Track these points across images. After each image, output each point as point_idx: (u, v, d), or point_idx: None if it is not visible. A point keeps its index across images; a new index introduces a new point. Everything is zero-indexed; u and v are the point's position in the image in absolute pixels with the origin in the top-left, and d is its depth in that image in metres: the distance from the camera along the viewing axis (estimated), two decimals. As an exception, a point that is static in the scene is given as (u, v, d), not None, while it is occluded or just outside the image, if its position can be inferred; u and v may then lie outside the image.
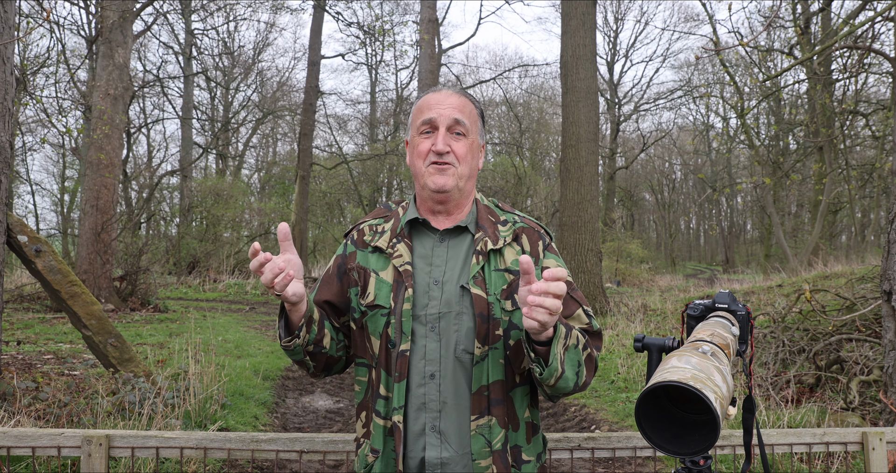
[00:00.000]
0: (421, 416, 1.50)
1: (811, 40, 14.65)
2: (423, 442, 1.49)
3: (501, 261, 1.56)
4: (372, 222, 1.67)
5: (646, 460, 4.09)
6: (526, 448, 1.55)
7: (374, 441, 1.53)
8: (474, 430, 1.49)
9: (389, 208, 1.71)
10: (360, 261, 1.60)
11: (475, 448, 1.49)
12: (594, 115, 12.25)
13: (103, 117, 11.17)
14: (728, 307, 1.46)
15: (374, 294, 1.55)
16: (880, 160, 13.66)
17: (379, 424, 1.52)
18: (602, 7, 32.93)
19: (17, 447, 2.09)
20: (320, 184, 27.02)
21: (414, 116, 1.62)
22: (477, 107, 1.64)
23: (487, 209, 1.65)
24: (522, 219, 1.66)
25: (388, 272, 1.56)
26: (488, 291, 1.52)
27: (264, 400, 5.72)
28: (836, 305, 7.46)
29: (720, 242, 41.22)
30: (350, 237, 1.67)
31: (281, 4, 24.34)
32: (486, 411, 1.50)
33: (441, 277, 1.54)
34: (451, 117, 1.55)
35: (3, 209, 4.29)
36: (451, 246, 1.59)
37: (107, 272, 11.33)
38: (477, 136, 1.62)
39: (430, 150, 1.55)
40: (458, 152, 1.56)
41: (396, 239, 1.59)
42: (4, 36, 4.09)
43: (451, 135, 1.56)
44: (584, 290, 11.93)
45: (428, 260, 1.57)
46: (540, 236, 1.64)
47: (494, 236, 1.58)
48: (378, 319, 1.53)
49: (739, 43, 4.12)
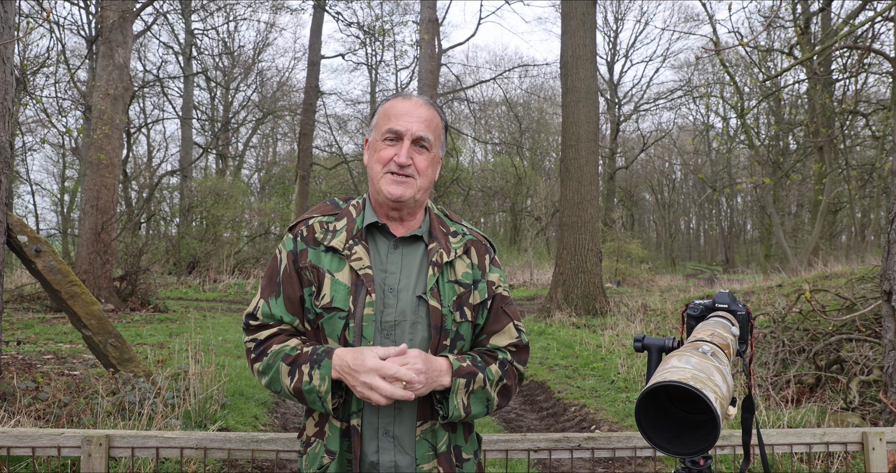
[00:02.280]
0: (375, 420, 1.52)
1: (811, 40, 14.64)
2: (375, 446, 1.52)
3: (453, 273, 1.59)
4: (321, 219, 1.63)
5: (646, 460, 4.09)
6: (465, 446, 1.61)
7: (329, 442, 1.54)
8: (419, 435, 1.53)
9: (337, 205, 1.68)
10: (313, 260, 1.57)
11: (419, 453, 1.53)
12: (594, 115, 12.25)
13: (103, 117, 11.17)
14: (728, 307, 1.47)
15: (331, 296, 1.53)
16: (880, 160, 13.66)
17: (335, 425, 1.53)
18: (602, 7, 32.95)
19: (17, 447, 2.09)
20: (320, 184, 27.03)
21: (380, 120, 1.61)
22: (443, 119, 1.66)
23: (438, 218, 1.68)
24: (471, 232, 1.69)
25: (345, 273, 1.54)
26: (442, 303, 1.55)
27: (264, 400, 5.72)
28: (836, 305, 7.46)
29: (720, 242, 41.21)
30: (298, 233, 1.61)
31: (281, 4, 24.35)
32: (430, 416, 1.55)
33: (396, 285, 1.55)
34: (418, 133, 1.56)
35: (3, 209, 4.29)
36: (405, 254, 1.60)
37: (107, 272, 11.33)
38: (438, 150, 1.64)
39: (391, 159, 1.56)
40: (419, 165, 1.57)
41: (353, 240, 1.57)
42: (4, 36, 4.09)
43: (414, 148, 1.57)
44: (584, 290, 11.94)
45: (382, 266, 1.57)
46: (487, 249, 1.68)
47: (447, 247, 1.60)
48: (336, 322, 1.52)
49: (739, 43, 4.12)
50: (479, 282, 1.62)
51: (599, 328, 10.29)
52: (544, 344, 9.12)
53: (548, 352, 8.53)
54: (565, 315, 11.55)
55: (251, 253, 21.65)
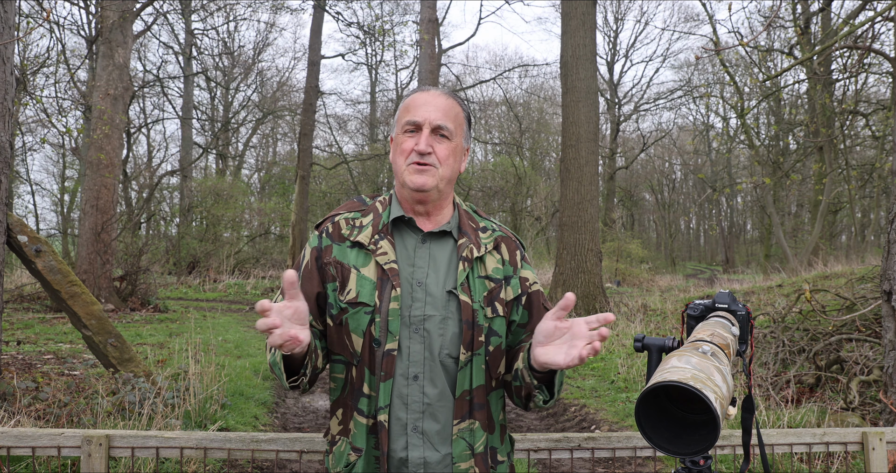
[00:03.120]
0: (403, 416, 1.50)
1: (811, 40, 14.65)
2: (404, 442, 1.50)
3: (483, 268, 1.57)
4: (347, 215, 1.62)
5: (646, 460, 4.09)
6: (500, 448, 1.60)
7: (354, 439, 1.52)
8: (456, 434, 1.51)
9: (364, 202, 1.67)
10: (338, 256, 1.56)
11: (456, 452, 1.51)
12: (594, 115, 12.25)
13: (103, 117, 11.17)
14: (728, 307, 1.47)
15: (357, 291, 1.51)
16: (880, 160, 13.66)
17: (361, 422, 1.51)
18: (602, 7, 32.93)
19: (17, 447, 2.09)
20: (320, 184, 27.01)
21: (400, 114, 1.61)
22: (464, 110, 1.64)
23: (467, 214, 1.66)
24: (500, 228, 1.68)
25: (371, 268, 1.53)
26: (473, 298, 1.53)
27: (264, 400, 5.72)
28: (836, 305, 7.46)
29: (720, 242, 41.21)
30: (324, 230, 1.61)
31: (281, 4, 24.34)
32: (469, 415, 1.53)
33: (424, 279, 1.54)
34: (436, 122, 1.54)
35: (3, 209, 4.29)
36: (433, 249, 1.58)
37: (107, 272, 11.33)
38: (461, 140, 1.62)
39: (412, 150, 1.55)
40: (439, 154, 1.55)
41: (379, 235, 1.56)
42: (4, 36, 4.09)
43: (434, 137, 1.55)
44: (584, 290, 11.93)
45: (409, 261, 1.56)
46: (517, 246, 1.67)
47: (477, 243, 1.59)
48: (361, 317, 1.51)
49: (739, 43, 4.12)
50: (510, 278, 1.60)
51: (599, 328, 10.28)
52: (544, 344, 9.10)
53: (548, 352, 8.52)
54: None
55: (251, 253, 21.66)
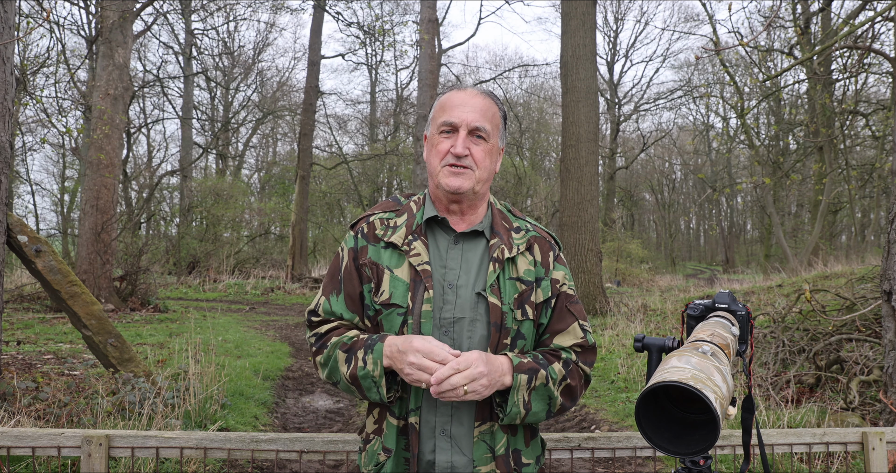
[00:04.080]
0: (432, 419, 1.50)
1: (811, 40, 14.65)
2: (432, 445, 1.49)
3: (514, 270, 1.55)
4: (382, 215, 1.62)
5: (646, 460, 4.09)
6: (525, 451, 1.57)
7: (386, 439, 1.52)
8: (477, 436, 1.50)
9: (399, 202, 1.67)
10: (373, 257, 1.56)
11: (477, 455, 1.50)
12: (594, 115, 12.25)
13: (103, 117, 11.17)
14: (728, 307, 1.46)
15: (390, 292, 1.51)
16: (880, 160, 13.66)
17: (392, 423, 1.51)
18: (602, 7, 32.95)
19: (17, 447, 2.09)
20: (320, 184, 27.02)
21: (436, 113, 1.59)
22: (500, 109, 1.62)
23: (501, 214, 1.64)
24: (534, 228, 1.65)
25: (404, 270, 1.52)
26: (503, 300, 1.51)
27: (264, 400, 5.72)
28: (836, 305, 7.46)
29: (720, 242, 41.22)
30: (360, 230, 1.61)
31: (281, 4, 24.35)
32: (489, 417, 1.51)
33: (455, 281, 1.53)
34: (473, 124, 1.53)
35: (3, 209, 4.29)
36: (465, 250, 1.57)
37: (107, 272, 11.33)
38: (497, 140, 1.60)
39: (448, 151, 1.54)
40: (476, 156, 1.54)
41: (413, 236, 1.55)
42: (4, 36, 4.09)
43: (471, 138, 1.54)
44: (584, 290, 11.93)
45: (442, 262, 1.55)
46: (551, 246, 1.64)
47: (509, 243, 1.57)
48: (394, 318, 1.50)
49: (739, 43, 4.11)
50: (542, 280, 1.58)
51: (599, 328, 10.29)
52: (544, 344, 9.11)
53: (548, 352, 8.52)
54: (565, 315, 11.53)
55: (251, 253, 21.67)
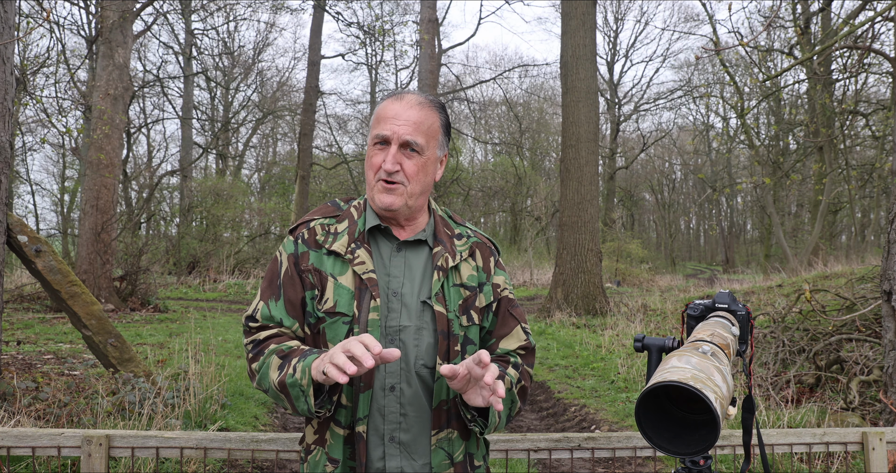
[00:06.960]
0: (381, 426, 1.48)
1: (811, 40, 14.64)
2: (381, 452, 1.48)
3: (458, 276, 1.56)
4: (322, 221, 1.59)
5: (646, 460, 4.09)
6: (476, 453, 1.59)
7: (331, 450, 1.49)
8: (435, 444, 1.50)
9: (339, 207, 1.63)
10: (315, 263, 1.53)
11: (435, 462, 1.50)
12: (594, 115, 12.25)
13: (103, 117, 11.17)
14: (728, 307, 1.46)
15: (335, 300, 1.49)
16: (880, 160, 13.67)
17: (338, 433, 1.48)
18: (602, 7, 32.94)
19: (17, 447, 2.09)
20: (320, 184, 27.03)
21: (372, 124, 1.56)
22: (440, 117, 1.57)
23: (443, 220, 1.64)
24: (475, 234, 1.66)
25: (348, 277, 1.50)
26: (448, 307, 1.52)
27: (264, 400, 5.72)
28: (836, 305, 7.46)
29: (720, 242, 41.21)
30: (300, 235, 1.57)
31: (281, 4, 24.34)
32: (447, 424, 1.52)
33: (400, 289, 1.52)
34: (405, 137, 1.49)
35: (3, 209, 4.29)
36: (408, 257, 1.56)
37: (107, 272, 11.33)
38: (434, 151, 1.56)
39: (380, 166, 1.51)
40: (408, 171, 1.51)
41: (355, 243, 1.53)
42: (4, 36, 4.09)
43: (403, 152, 1.51)
44: (584, 290, 11.94)
45: (385, 270, 1.54)
46: (492, 252, 1.66)
47: (452, 251, 1.57)
48: (339, 327, 1.48)
49: (739, 43, 4.12)
50: (484, 285, 1.59)
51: (599, 328, 10.29)
52: (544, 344, 9.12)
53: (548, 352, 8.53)
54: (565, 315, 11.56)
55: (251, 253, 21.64)
